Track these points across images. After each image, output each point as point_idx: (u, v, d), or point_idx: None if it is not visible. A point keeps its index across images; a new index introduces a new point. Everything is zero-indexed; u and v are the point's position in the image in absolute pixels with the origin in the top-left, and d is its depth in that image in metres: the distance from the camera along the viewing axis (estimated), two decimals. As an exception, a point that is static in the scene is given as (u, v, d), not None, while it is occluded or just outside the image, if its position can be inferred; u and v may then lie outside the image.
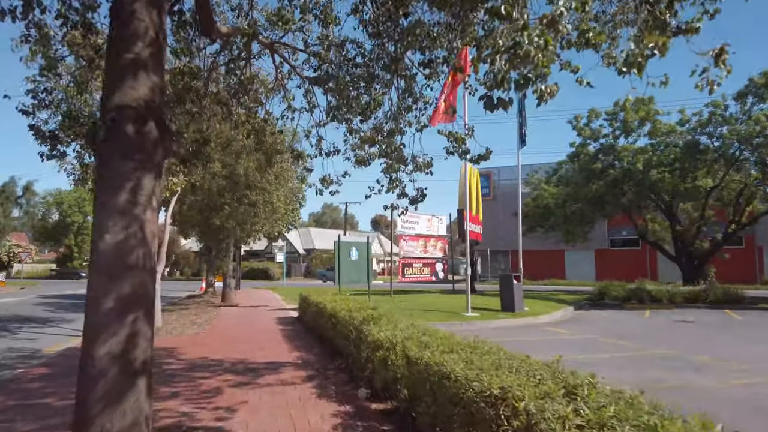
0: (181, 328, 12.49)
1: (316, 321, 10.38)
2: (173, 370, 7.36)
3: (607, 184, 23.48)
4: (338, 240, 16.90)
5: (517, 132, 19.36)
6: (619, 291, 24.67)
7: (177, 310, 18.05)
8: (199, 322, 13.98)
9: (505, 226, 48.53)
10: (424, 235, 25.37)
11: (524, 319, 16.26)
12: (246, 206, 17.54)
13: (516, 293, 17.61)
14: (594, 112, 24.95)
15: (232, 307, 19.24)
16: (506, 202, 48.68)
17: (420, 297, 23.95)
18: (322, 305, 9.74)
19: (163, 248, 12.88)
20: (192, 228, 20.85)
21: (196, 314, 16.44)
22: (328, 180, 8.12)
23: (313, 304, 11.06)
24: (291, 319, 14.61)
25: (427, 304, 19.85)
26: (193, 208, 18.16)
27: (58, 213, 67.66)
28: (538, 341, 12.13)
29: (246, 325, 13.13)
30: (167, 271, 65.71)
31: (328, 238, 69.18)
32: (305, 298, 12.86)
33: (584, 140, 25.27)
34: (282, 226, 21.37)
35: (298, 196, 22.88)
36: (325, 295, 12.02)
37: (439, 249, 26.38)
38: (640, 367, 8.50)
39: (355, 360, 6.42)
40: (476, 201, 29.93)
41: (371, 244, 18.40)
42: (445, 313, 16.96)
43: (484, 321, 15.57)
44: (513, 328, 14.80)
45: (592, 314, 18.98)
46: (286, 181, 18.53)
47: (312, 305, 11.13)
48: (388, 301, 20.11)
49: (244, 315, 16.06)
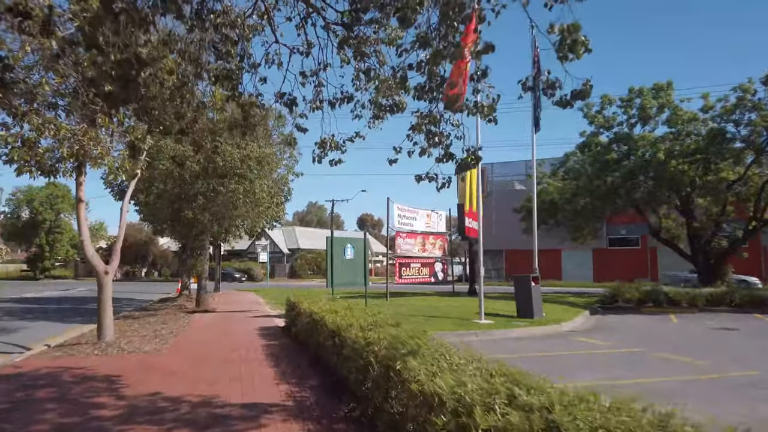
0: (138, 342, 10.02)
1: (311, 336, 8.01)
2: (99, 422, 4.96)
3: (623, 175, 21.44)
4: (331, 236, 14.53)
5: (531, 114, 17.17)
6: (633, 293, 22.76)
7: (142, 317, 15.53)
8: (163, 333, 11.51)
9: (500, 225, 46.61)
10: (422, 232, 23.10)
11: (546, 327, 14.09)
12: (223, 196, 15.08)
13: (534, 297, 15.44)
14: (607, 99, 22.91)
15: (208, 312, 16.76)
16: (501, 200, 46.72)
17: (419, 300, 21.66)
18: (319, 318, 7.39)
19: (117, 243, 10.40)
20: (161, 223, 18.29)
21: (163, 322, 13.95)
22: (329, 143, 5.79)
23: (305, 314, 8.70)
24: (276, 329, 12.21)
25: (430, 309, 17.57)
26: (162, 198, 15.65)
27: (29, 211, 64.15)
28: (573, 356, 9.94)
29: (220, 339, 10.70)
30: (144, 272, 62.71)
31: (314, 237, 66.66)
32: (294, 305, 10.48)
33: (597, 129, 23.23)
34: (265, 222, 18.91)
35: (284, 188, 20.41)
36: (317, 302, 9.68)
37: (439, 247, 24.13)
38: (742, 400, 6.31)
39: (382, 412, 4.07)
40: (475, 196, 27.76)
41: (367, 240, 16.07)
42: (453, 320, 14.71)
43: (501, 330, 13.37)
44: (537, 339, 12.62)
45: (613, 320, 16.93)
46: (270, 169, 16.10)
47: (304, 315, 8.76)
48: (385, 306, 17.79)
49: (220, 324, 13.62)
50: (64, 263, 65.90)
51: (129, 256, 60.71)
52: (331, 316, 6.96)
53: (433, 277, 23.41)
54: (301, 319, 8.91)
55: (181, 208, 15.79)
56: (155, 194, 15.45)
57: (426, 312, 16.33)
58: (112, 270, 9.90)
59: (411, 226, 22.43)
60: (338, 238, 14.76)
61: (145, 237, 60.37)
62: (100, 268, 9.72)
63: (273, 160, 16.03)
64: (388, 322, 5.63)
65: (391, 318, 6.11)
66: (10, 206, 64.53)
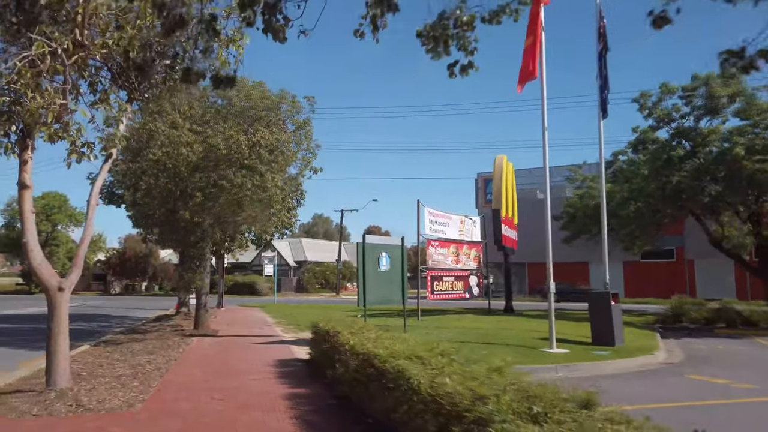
0: (106, 390, 6.95)
1: (378, 399, 4.91)
2: None
3: (691, 175, 18.42)
4: (363, 241, 11.50)
5: (598, 97, 14.22)
6: (700, 312, 19.77)
7: (127, 343, 12.50)
8: (147, 370, 8.47)
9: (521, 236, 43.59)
10: (455, 240, 20.03)
11: (637, 358, 11.02)
12: (227, 194, 12.13)
13: (615, 319, 12.36)
14: (666, 88, 19.93)
15: (207, 336, 13.71)
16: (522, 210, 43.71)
17: (455, 320, 18.55)
18: (394, 371, 4.26)
19: (81, 247, 7.42)
20: (151, 226, 15.31)
21: (151, 351, 10.91)
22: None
23: (352, 353, 5.62)
24: (296, 363, 9.11)
25: (478, 332, 14.46)
26: (152, 195, 12.69)
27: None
28: (720, 409, 6.89)
29: (223, 384, 7.62)
30: (144, 286, 59.65)
31: (322, 249, 63.53)
32: (326, 335, 7.42)
33: (655, 122, 20.25)
34: (276, 228, 15.91)
35: (299, 188, 17.43)
36: (363, 331, 6.66)
37: (473, 258, 21.04)
38: None
39: None
40: (512, 201, 24.75)
41: (404, 247, 13.04)
42: (516, 348, 11.65)
43: (585, 363, 10.31)
44: (640, 376, 9.59)
45: (699, 346, 13.88)
46: (285, 160, 13.16)
47: (350, 356, 5.67)
48: (421, 328, 14.73)
49: (223, 355, 10.55)
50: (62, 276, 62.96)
51: (129, 270, 57.78)
52: (419, 369, 3.93)
53: (467, 293, 20.32)
54: (346, 360, 5.85)
55: (176, 208, 12.85)
56: (143, 191, 12.49)
57: (476, 337, 13.24)
58: (69, 286, 6.90)
59: (443, 234, 19.38)
60: (372, 244, 11.74)
61: (145, 249, 57.46)
62: (52, 282, 6.74)
63: (288, 150, 13.08)
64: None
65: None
66: (5, 217, 61.99)
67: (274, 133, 12.75)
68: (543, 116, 12.23)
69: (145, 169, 12.40)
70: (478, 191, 47.39)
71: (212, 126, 12.42)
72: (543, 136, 12.27)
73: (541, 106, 12.22)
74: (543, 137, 12.28)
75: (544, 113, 12.21)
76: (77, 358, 10.07)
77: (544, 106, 12.20)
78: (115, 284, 59.69)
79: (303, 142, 14.29)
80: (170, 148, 12.02)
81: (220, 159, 12.01)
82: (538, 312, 23.67)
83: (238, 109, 13.04)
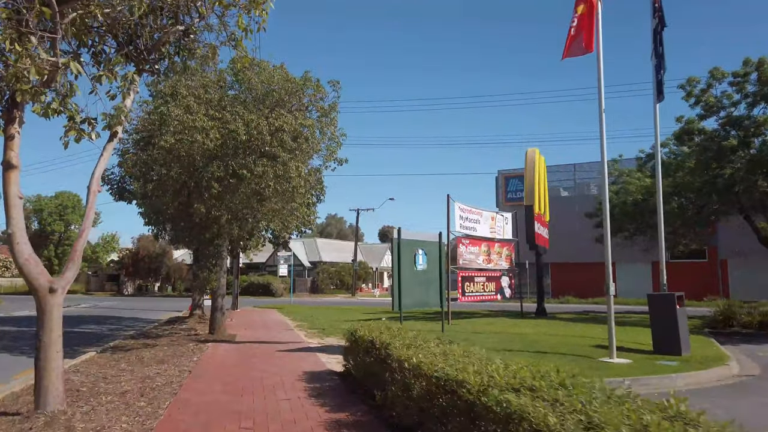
0: (106, 413, 5.73)
1: (446, 430, 3.65)
2: None
3: (746, 167, 16.93)
4: (398, 237, 10.21)
5: (653, 78, 12.84)
6: (753, 315, 18.23)
7: (135, 349, 11.35)
8: (155, 386, 7.26)
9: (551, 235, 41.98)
10: (486, 238, 18.69)
11: (710, 370, 9.62)
12: (246, 185, 10.93)
13: (681, 325, 10.95)
14: (718, 72, 18.43)
15: (224, 342, 12.52)
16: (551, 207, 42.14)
17: (489, 324, 17.22)
18: (507, 413, 2.97)
19: (79, 240, 6.24)
20: (164, 223, 14.16)
21: (162, 360, 9.72)
22: None
23: (418, 374, 4.33)
24: (330, 378, 7.85)
25: (523, 339, 13.10)
26: (164, 187, 11.51)
27: (37, 222, 61.05)
28: None
29: (245, 404, 6.38)
30: (157, 287, 58.90)
31: (337, 249, 62.32)
32: (370, 345, 6.14)
33: (703, 111, 18.75)
34: (297, 223, 14.67)
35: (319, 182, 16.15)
36: (418, 341, 5.41)
37: (505, 258, 19.69)
38: None
39: None
40: (544, 197, 23.33)
41: (443, 244, 11.72)
42: (571, 357, 10.30)
43: (653, 376, 8.96)
44: (721, 392, 8.26)
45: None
46: (311, 147, 11.93)
47: (417, 377, 4.38)
48: (456, 332, 13.44)
49: (243, 366, 9.31)
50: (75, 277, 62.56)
51: (142, 270, 57.09)
52: (541, 409, 2.65)
53: (499, 294, 18.96)
54: (405, 381, 4.57)
55: (190, 202, 11.67)
56: (155, 182, 11.32)
57: (522, 345, 11.91)
58: (62, 286, 5.71)
59: (474, 231, 18.06)
60: (408, 240, 10.44)
61: (159, 249, 56.75)
62: (41, 281, 5.56)
63: (313, 136, 11.85)
64: None
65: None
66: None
67: (298, 119, 11.53)
68: (600, 95, 10.87)
69: (156, 158, 11.23)
70: (498, 189, 45.86)
71: (230, 110, 11.23)
72: (600, 120, 10.91)
73: (598, 84, 10.87)
74: (600, 120, 10.92)
75: (600, 93, 10.86)
76: (79, 368, 8.93)
77: (601, 84, 10.84)
78: (128, 285, 59.06)
79: (327, 129, 13.04)
80: (184, 134, 10.85)
81: (239, 146, 10.81)
82: (571, 315, 22.25)
83: (259, 92, 11.83)
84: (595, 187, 44.44)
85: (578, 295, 37.40)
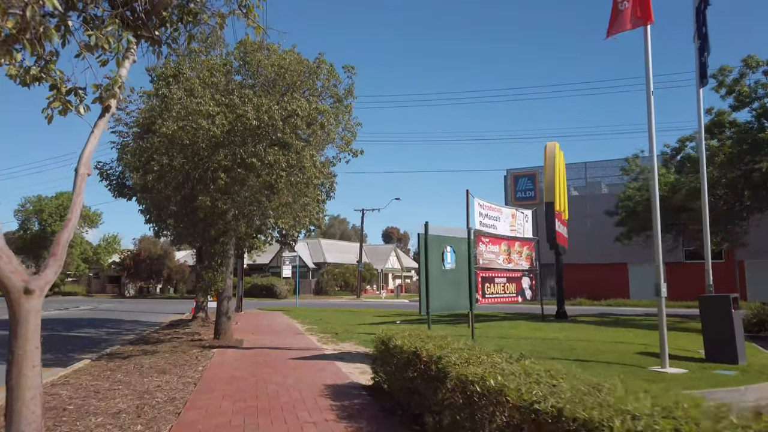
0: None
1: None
2: None
3: (784, 160, 15.90)
4: (425, 233, 9.17)
5: (696, 61, 11.82)
6: (789, 318, 17.20)
7: (134, 356, 10.32)
8: (156, 404, 6.22)
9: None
10: (507, 237, 17.63)
11: (775, 380, 8.58)
12: (256, 175, 9.91)
13: (737, 330, 9.90)
14: (752, 61, 17.36)
15: (230, 348, 11.48)
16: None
17: (514, 329, 16.19)
18: None
19: (63, 233, 5.18)
20: (165, 219, 13.11)
21: (162, 370, 8.69)
22: None
23: (506, 403, 3.29)
24: (360, 395, 6.75)
25: (557, 345, 12.05)
26: (165, 179, 10.47)
27: (38, 222, 60.09)
28: None
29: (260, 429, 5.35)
30: (159, 288, 57.89)
31: (341, 250, 61.20)
32: (418, 359, 5.09)
33: (736, 102, 17.70)
34: (312, 218, 13.60)
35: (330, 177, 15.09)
36: (475, 353, 4.39)
37: (526, 257, 18.60)
38: None
39: None
40: (564, 194, 22.28)
41: (472, 241, 10.66)
42: (619, 366, 9.28)
43: (718, 389, 7.93)
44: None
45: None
46: (326, 134, 10.90)
47: (504, 407, 3.34)
48: (484, 340, 12.42)
49: (255, 378, 8.24)
50: (76, 279, 61.67)
51: (143, 272, 56.10)
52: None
53: (520, 296, 17.86)
54: (477, 406, 3.53)
55: (194, 195, 10.64)
56: (155, 173, 10.29)
57: (558, 352, 10.85)
58: (42, 285, 4.67)
59: (494, 229, 16.98)
60: (436, 237, 9.39)
61: (160, 251, 55.81)
62: (15, 280, 4.52)
63: (329, 122, 10.82)
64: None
65: None
66: (19, 218, 60.80)
67: (312, 103, 10.50)
68: (647, 74, 9.82)
69: (158, 146, 10.21)
70: (507, 188, 44.75)
71: (239, 94, 10.21)
72: (648, 103, 9.86)
73: (645, 63, 9.82)
74: (648, 104, 9.86)
75: (648, 71, 9.81)
76: (70, 379, 7.90)
77: (649, 61, 9.80)
78: (129, 287, 58.13)
79: (343, 117, 12.00)
80: (187, 120, 9.83)
81: (248, 133, 9.78)
82: (592, 318, 21.18)
83: (270, 75, 10.81)
84: (606, 186, 43.36)
85: (590, 297, 36.33)
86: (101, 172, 15.89)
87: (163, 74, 10.40)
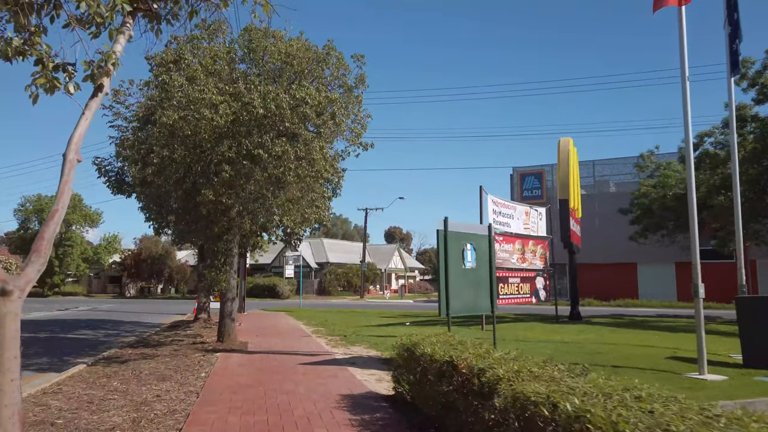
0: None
1: None
2: None
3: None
4: (444, 230, 8.52)
5: (726, 47, 11.16)
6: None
7: (132, 361, 9.68)
8: (155, 417, 5.59)
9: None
10: (521, 235, 16.97)
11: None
12: (263, 168, 9.27)
13: (778, 333, 9.25)
14: (775, 52, 16.73)
15: (235, 352, 10.84)
16: (563, 206, 40.41)
17: (529, 331, 15.55)
18: None
19: (49, 223, 4.54)
20: (166, 216, 12.46)
21: (162, 377, 8.05)
22: None
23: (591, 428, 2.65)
24: (381, 407, 6.08)
25: (581, 349, 11.40)
26: (166, 173, 9.82)
27: (38, 222, 59.51)
28: None
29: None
30: (160, 288, 57.26)
31: (344, 250, 60.51)
32: (455, 368, 4.44)
33: (758, 95, 17.06)
34: (321, 214, 12.94)
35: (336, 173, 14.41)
36: (533, 364, 3.74)
37: (539, 257, 17.93)
38: None
39: None
40: (577, 192, 21.64)
41: (492, 239, 10.01)
42: (653, 373, 8.63)
43: (765, 398, 7.26)
44: None
45: None
46: (337, 124, 10.25)
47: None
48: (499, 342, 11.78)
49: (263, 387, 7.59)
50: (76, 278, 61.09)
51: (144, 272, 55.50)
52: None
53: (534, 296, 17.18)
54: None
55: (196, 188, 10.00)
56: (155, 166, 9.65)
57: (583, 357, 10.20)
58: (22, 286, 4.04)
59: (508, 227, 16.35)
60: (456, 233, 8.75)
61: (161, 250, 55.21)
62: (-10, 281, 3.88)
63: (340, 112, 10.18)
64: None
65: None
66: (19, 217, 60.25)
67: (321, 91, 9.86)
68: (682, 59, 9.16)
69: (158, 138, 9.57)
70: (513, 187, 44.04)
71: (244, 81, 9.57)
72: (683, 88, 9.21)
73: (680, 47, 9.17)
74: (683, 91, 9.21)
75: (683, 56, 9.15)
76: (62, 387, 7.27)
77: (684, 45, 9.15)
78: (130, 287, 57.52)
79: (353, 108, 11.35)
80: (189, 110, 9.19)
81: (254, 122, 9.14)
82: (607, 319, 20.51)
83: (276, 62, 10.17)
84: (615, 185, 42.65)
85: (599, 297, 35.61)
86: (99, 168, 15.24)
87: (163, 60, 9.76)
